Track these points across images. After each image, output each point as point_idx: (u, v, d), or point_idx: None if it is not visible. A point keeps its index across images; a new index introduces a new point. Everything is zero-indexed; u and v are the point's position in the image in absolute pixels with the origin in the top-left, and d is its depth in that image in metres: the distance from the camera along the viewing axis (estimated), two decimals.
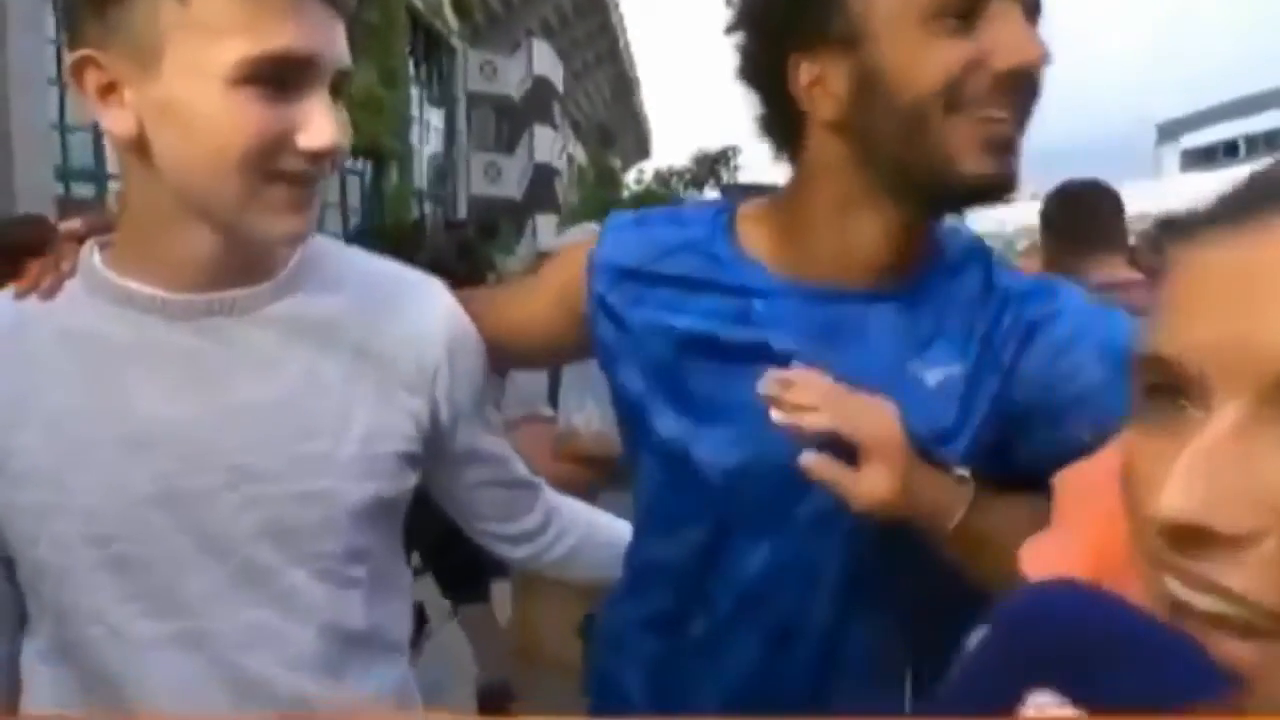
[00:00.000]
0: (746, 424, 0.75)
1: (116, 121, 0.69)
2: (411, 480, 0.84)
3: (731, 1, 0.80)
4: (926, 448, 0.72)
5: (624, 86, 30.92)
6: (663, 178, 39.07)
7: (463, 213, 18.29)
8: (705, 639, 0.83)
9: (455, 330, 0.84)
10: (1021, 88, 0.69)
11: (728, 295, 0.80)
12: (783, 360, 0.75)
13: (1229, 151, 29.46)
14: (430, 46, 16.74)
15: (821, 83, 0.72)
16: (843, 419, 0.69)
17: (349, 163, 12.70)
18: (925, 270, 0.79)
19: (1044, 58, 0.69)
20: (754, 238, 0.83)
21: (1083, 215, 2.13)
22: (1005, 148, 0.70)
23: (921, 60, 0.68)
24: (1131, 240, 2.84)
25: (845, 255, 0.77)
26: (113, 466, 0.73)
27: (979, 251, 0.82)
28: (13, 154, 2.96)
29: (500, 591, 2.50)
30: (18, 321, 0.76)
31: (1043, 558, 0.63)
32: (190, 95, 0.67)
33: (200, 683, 0.76)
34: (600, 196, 25.43)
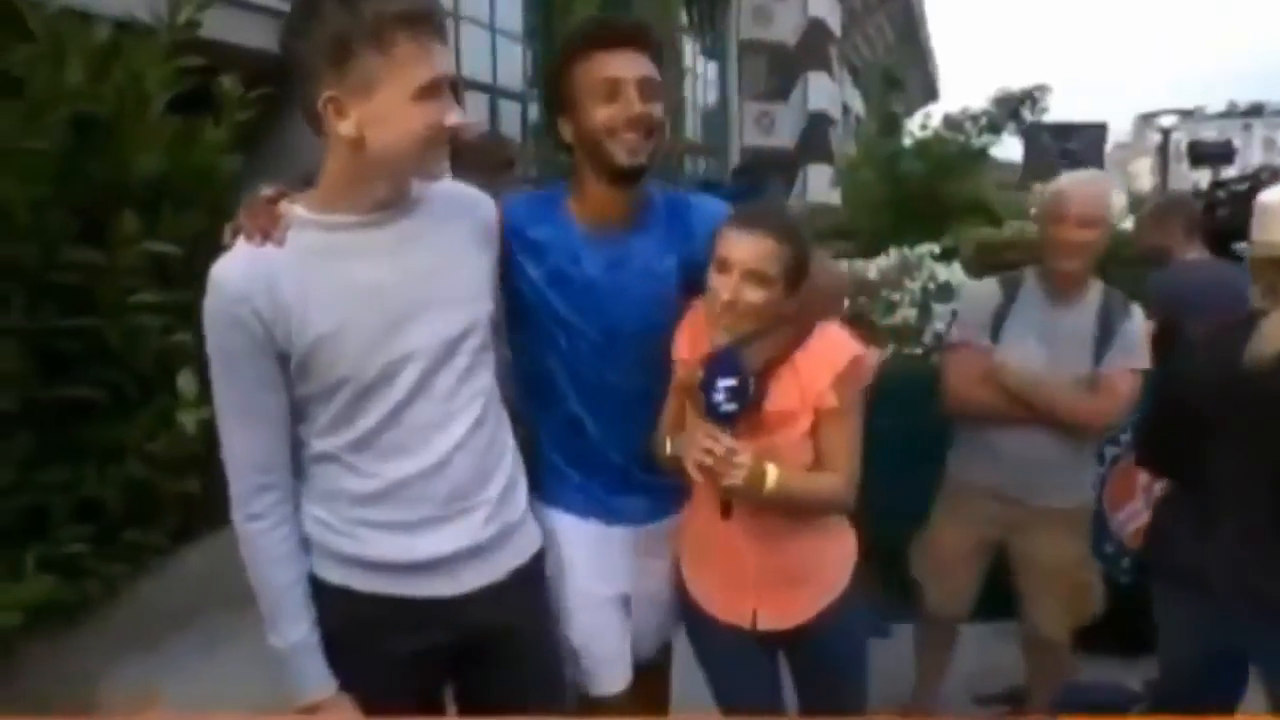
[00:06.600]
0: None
1: (346, 129, 1.19)
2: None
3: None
4: (663, 299, 1.56)
5: (910, 23, 29.17)
6: (954, 122, 35.68)
7: (735, 164, 18.40)
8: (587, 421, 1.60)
9: (496, 213, 1.47)
10: (641, 124, 1.45)
11: (566, 243, 1.53)
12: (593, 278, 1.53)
13: None
14: None
15: (571, 130, 1.50)
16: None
17: None
18: (650, 210, 1.58)
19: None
20: (574, 204, 1.55)
21: None
22: (635, 153, 1.45)
23: (600, 115, 1.45)
24: None
25: (607, 212, 1.54)
26: (357, 312, 1.25)
27: (668, 194, 1.63)
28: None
29: None
30: (269, 255, 1.23)
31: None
32: (391, 108, 1.19)
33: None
34: (881, 144, 24.09)
